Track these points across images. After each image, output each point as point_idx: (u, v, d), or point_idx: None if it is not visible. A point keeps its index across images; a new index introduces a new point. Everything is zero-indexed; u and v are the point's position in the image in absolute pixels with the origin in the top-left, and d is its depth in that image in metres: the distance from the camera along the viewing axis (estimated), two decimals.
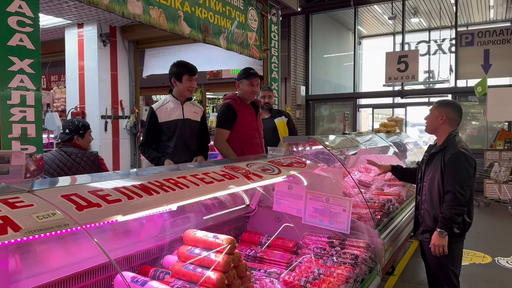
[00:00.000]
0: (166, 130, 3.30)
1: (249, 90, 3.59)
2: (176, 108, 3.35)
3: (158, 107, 3.33)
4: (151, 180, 1.61)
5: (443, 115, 2.83)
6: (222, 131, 3.56)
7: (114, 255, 1.99)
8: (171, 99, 3.38)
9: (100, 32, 6.29)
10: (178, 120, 3.33)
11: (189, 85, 3.32)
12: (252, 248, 2.65)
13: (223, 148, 3.54)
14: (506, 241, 5.83)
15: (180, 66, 3.30)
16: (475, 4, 12.32)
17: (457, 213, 2.61)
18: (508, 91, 9.23)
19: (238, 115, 3.54)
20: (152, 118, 3.29)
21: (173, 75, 3.31)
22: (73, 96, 6.54)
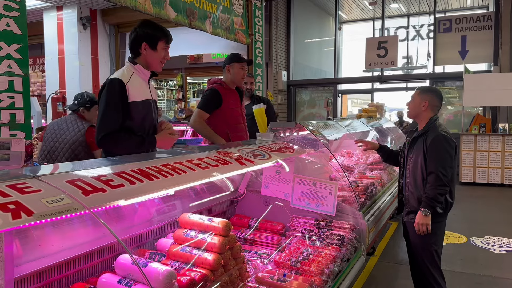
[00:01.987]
0: (135, 114, 2.48)
1: (241, 73, 3.63)
2: (145, 84, 2.60)
3: (127, 80, 2.46)
4: (149, 165, 1.65)
5: (425, 102, 2.95)
6: (202, 112, 3.52)
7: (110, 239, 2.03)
8: (135, 71, 2.54)
9: (80, 15, 6.17)
10: (150, 101, 2.61)
11: (165, 56, 2.60)
12: (243, 231, 2.73)
13: (201, 127, 3.52)
14: (480, 222, 6.11)
15: (156, 28, 2.53)
16: None
17: (439, 192, 2.75)
18: (484, 77, 9.52)
19: (224, 101, 3.56)
20: (122, 95, 2.42)
21: (145, 39, 2.49)
22: (53, 80, 6.43)
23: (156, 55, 2.54)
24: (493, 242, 5.13)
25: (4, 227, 1.00)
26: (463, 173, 9.23)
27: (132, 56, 2.57)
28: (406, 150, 3.09)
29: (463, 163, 9.21)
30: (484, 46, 10.68)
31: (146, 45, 2.50)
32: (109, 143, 2.44)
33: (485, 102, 9.41)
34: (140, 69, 2.54)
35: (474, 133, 9.17)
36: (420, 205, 2.85)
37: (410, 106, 3.07)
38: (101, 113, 2.42)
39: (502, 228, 5.69)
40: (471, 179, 9.16)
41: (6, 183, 1.18)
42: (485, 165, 9.06)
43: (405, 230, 3.12)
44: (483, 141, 9.08)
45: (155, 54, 2.53)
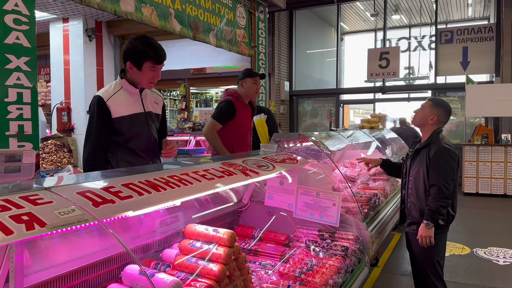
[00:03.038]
0: (122, 128, 2.43)
1: (254, 88, 3.72)
2: (134, 98, 2.49)
3: (110, 96, 2.39)
4: (156, 177, 1.68)
5: (434, 116, 2.97)
6: (216, 123, 3.60)
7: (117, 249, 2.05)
8: (124, 85, 2.46)
9: (85, 27, 6.25)
10: (141, 114, 2.52)
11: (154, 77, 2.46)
12: (247, 241, 2.75)
13: (212, 137, 3.59)
14: (483, 233, 6.09)
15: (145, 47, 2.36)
16: (454, 2, 12.63)
17: (442, 205, 2.76)
18: (486, 87, 9.56)
19: (237, 114, 3.65)
20: (103, 112, 2.35)
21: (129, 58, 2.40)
22: (58, 91, 6.50)
23: (141, 75, 2.42)
24: (496, 253, 5.11)
25: (18, 238, 1.03)
26: (465, 184, 9.21)
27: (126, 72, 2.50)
28: (408, 161, 3.12)
29: (465, 174, 9.20)
30: (485, 57, 10.73)
31: (131, 64, 2.40)
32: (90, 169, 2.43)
33: (487, 112, 9.43)
34: (126, 84, 2.47)
35: (476, 143, 9.18)
36: (422, 216, 2.86)
37: (418, 115, 3.09)
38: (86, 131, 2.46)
39: (506, 239, 5.68)
40: (474, 190, 9.14)
41: (19, 194, 1.21)
42: (487, 176, 9.05)
43: (407, 241, 3.13)
44: (485, 151, 9.08)
45: (140, 74, 2.41)
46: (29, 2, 2.51)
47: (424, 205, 2.87)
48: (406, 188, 3.11)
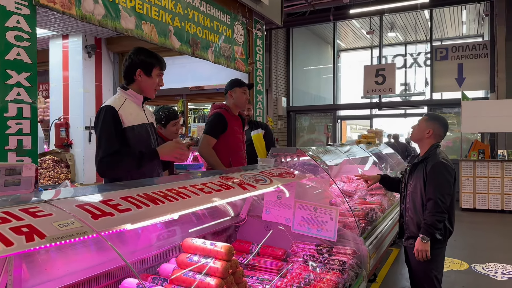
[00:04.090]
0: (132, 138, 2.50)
1: (243, 98, 3.66)
2: (139, 109, 2.60)
3: (119, 106, 2.48)
4: (154, 190, 1.70)
5: (430, 130, 3.02)
6: (210, 138, 3.53)
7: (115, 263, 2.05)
8: (128, 97, 2.56)
9: (85, 43, 6.33)
10: (146, 124, 2.63)
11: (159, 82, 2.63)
12: (244, 256, 2.74)
13: (209, 154, 3.52)
14: (481, 248, 6.08)
15: (151, 56, 2.57)
16: (449, 19, 12.86)
17: (438, 219, 2.78)
18: (481, 103, 9.66)
19: (229, 126, 3.59)
20: (116, 121, 2.44)
21: (140, 66, 2.53)
22: (57, 106, 6.53)
23: (150, 82, 2.57)
24: (494, 269, 5.10)
25: (18, 249, 1.04)
26: (463, 199, 9.22)
27: (125, 82, 2.60)
28: (407, 175, 3.14)
29: (463, 189, 9.22)
30: (480, 74, 10.88)
31: (141, 71, 2.53)
32: (108, 165, 2.44)
33: (483, 128, 9.51)
34: (132, 94, 2.56)
35: (473, 159, 9.22)
36: (419, 230, 2.87)
37: (415, 130, 3.14)
38: (97, 141, 2.46)
39: (504, 255, 5.66)
40: (472, 205, 9.14)
41: (19, 207, 1.23)
42: (485, 191, 9.07)
43: (406, 255, 3.13)
44: (482, 167, 9.12)
45: (149, 81, 2.56)
46: (30, 19, 2.56)
47: (422, 219, 2.88)
48: (404, 202, 3.13)
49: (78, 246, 1.85)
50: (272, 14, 5.72)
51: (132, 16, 3.39)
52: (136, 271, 2.23)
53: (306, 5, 10.82)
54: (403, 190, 3.15)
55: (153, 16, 3.64)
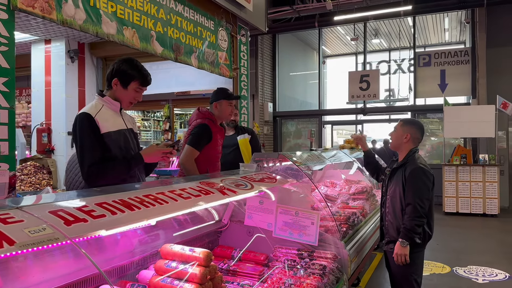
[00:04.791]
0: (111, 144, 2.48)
1: (229, 111, 3.53)
2: (116, 115, 2.58)
3: (95, 112, 2.45)
4: (131, 196, 1.69)
5: (407, 134, 3.06)
6: (194, 151, 3.37)
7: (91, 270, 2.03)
8: (105, 103, 2.53)
9: (68, 48, 6.26)
10: (124, 130, 2.60)
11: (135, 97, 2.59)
12: (225, 262, 2.74)
13: (191, 167, 3.37)
14: (463, 251, 6.17)
15: (134, 68, 2.53)
16: (432, 26, 13.09)
17: (417, 224, 2.82)
18: (463, 109, 9.83)
19: (213, 139, 3.46)
20: (94, 127, 2.41)
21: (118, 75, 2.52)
22: (39, 112, 6.45)
23: (125, 93, 2.54)
24: (476, 272, 5.17)
25: None
26: (446, 203, 9.35)
27: (106, 87, 2.59)
28: (386, 180, 3.18)
29: (446, 193, 9.35)
30: (462, 80, 11.09)
31: (118, 81, 2.51)
32: (97, 173, 2.41)
33: (465, 133, 9.67)
34: (109, 101, 2.54)
35: (455, 163, 9.37)
36: (399, 235, 2.91)
37: (393, 137, 3.18)
38: (79, 149, 2.43)
39: (485, 258, 5.75)
40: (454, 209, 9.28)
41: None
42: (467, 195, 9.21)
43: (386, 259, 3.16)
44: (464, 171, 9.27)
45: (124, 92, 2.54)
46: (9, 23, 2.53)
47: (401, 224, 2.91)
48: (384, 206, 3.17)
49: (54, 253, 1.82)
50: (256, 20, 5.76)
51: (113, 21, 3.37)
52: (115, 278, 2.20)
53: (291, 12, 10.90)
54: (384, 195, 3.18)
55: (135, 21, 3.63)
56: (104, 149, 2.46)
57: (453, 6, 9.81)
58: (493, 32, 10.27)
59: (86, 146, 2.42)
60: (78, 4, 3.03)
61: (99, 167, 2.41)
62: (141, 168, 2.75)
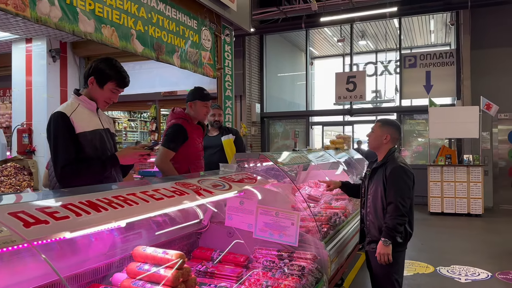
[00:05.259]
0: (86, 144, 2.42)
1: (203, 111, 3.52)
2: (92, 114, 2.53)
3: (71, 112, 2.40)
4: (99, 197, 1.64)
5: (387, 135, 3.06)
6: (168, 152, 3.34)
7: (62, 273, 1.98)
8: (81, 102, 2.49)
9: (49, 47, 6.16)
10: (101, 130, 2.55)
11: (111, 97, 2.55)
12: (204, 264, 2.69)
13: (167, 169, 3.35)
14: (447, 251, 6.20)
15: (112, 68, 2.49)
16: (418, 28, 13.20)
17: (399, 222, 2.82)
18: (448, 110, 9.92)
19: (189, 138, 3.44)
20: (68, 127, 2.36)
21: (94, 73, 2.47)
22: (20, 112, 6.33)
23: (100, 93, 2.50)
24: (459, 271, 5.20)
25: None
26: (431, 203, 9.42)
27: (83, 87, 2.56)
28: (366, 180, 3.17)
29: (431, 194, 9.42)
30: (447, 81, 11.19)
31: (94, 80, 2.47)
32: (70, 174, 2.37)
33: (450, 134, 9.76)
34: (85, 100, 2.50)
35: (440, 164, 9.44)
36: (381, 234, 2.91)
37: (371, 138, 3.16)
38: (52, 148, 2.38)
39: (468, 257, 5.80)
40: (439, 209, 9.35)
41: None
42: (452, 195, 9.29)
43: (367, 260, 3.15)
44: (449, 172, 9.35)
45: (100, 92, 2.50)
46: None
47: (383, 223, 2.91)
48: (365, 207, 3.16)
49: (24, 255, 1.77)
50: (241, 20, 5.72)
51: (91, 19, 3.31)
52: (88, 281, 2.15)
53: (278, 12, 10.90)
54: (363, 196, 3.18)
55: (114, 19, 3.57)
56: (79, 149, 2.41)
57: (438, 8, 9.90)
58: (477, 34, 10.39)
59: (60, 146, 2.37)
60: (53, 2, 2.96)
61: (73, 168, 2.36)
62: (117, 169, 2.70)
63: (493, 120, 10.25)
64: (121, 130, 15.13)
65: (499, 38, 10.38)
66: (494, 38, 10.42)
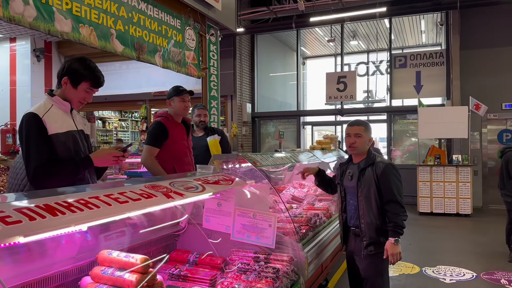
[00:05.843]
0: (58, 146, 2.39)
1: (182, 106, 3.64)
2: (66, 116, 2.50)
3: (43, 113, 2.36)
4: (58, 200, 1.60)
5: (370, 139, 3.05)
6: (151, 148, 3.51)
7: (28, 277, 1.95)
8: (54, 103, 2.46)
9: (34, 47, 6.10)
10: (74, 131, 2.51)
11: (85, 97, 2.53)
12: (177, 267, 2.67)
13: (152, 165, 3.49)
14: (434, 251, 6.21)
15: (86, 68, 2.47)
16: (408, 28, 13.22)
17: (404, 219, 2.83)
18: (437, 110, 9.94)
19: (170, 134, 3.55)
20: (40, 128, 2.33)
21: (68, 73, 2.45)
22: (4, 112, 6.27)
23: (74, 93, 2.48)
24: (444, 272, 5.21)
25: None
26: (420, 203, 9.43)
27: (56, 87, 2.52)
28: (353, 182, 3.02)
29: (420, 194, 9.43)
30: (437, 81, 11.22)
31: (68, 80, 2.45)
32: (43, 175, 2.33)
33: (439, 134, 9.78)
34: (58, 101, 2.47)
35: (429, 164, 9.46)
36: (380, 235, 2.87)
37: (359, 143, 2.99)
38: (24, 150, 2.34)
39: (455, 258, 5.80)
40: (429, 209, 9.37)
41: None
42: (441, 195, 9.31)
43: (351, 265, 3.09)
44: (438, 172, 9.37)
45: (73, 92, 2.47)
46: None
47: (379, 224, 2.87)
48: (346, 210, 3.08)
49: None
50: (226, 20, 5.69)
51: (68, 18, 3.26)
52: (57, 284, 2.12)
53: (268, 12, 10.88)
54: (344, 199, 3.10)
55: (93, 19, 3.52)
56: (51, 150, 2.38)
57: (427, 8, 9.92)
58: (466, 34, 10.42)
59: (32, 147, 2.34)
60: (28, 1, 2.92)
61: (45, 169, 2.33)
62: (92, 171, 2.67)
63: (482, 120, 10.29)
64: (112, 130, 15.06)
65: (487, 38, 10.42)
66: (482, 38, 10.46)
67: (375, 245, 2.88)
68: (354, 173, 3.04)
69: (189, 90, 3.65)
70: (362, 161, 3.02)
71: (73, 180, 2.48)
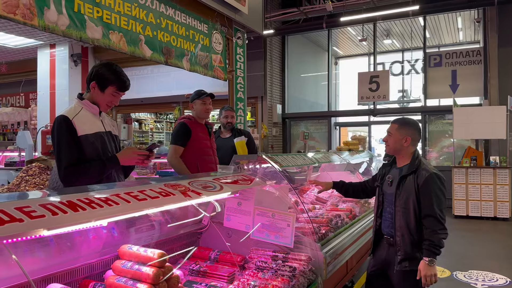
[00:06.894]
0: (87, 147, 2.53)
1: (203, 109, 3.83)
2: (95, 118, 2.65)
3: (74, 115, 2.51)
4: (81, 197, 1.73)
5: (407, 138, 2.76)
6: (176, 147, 3.73)
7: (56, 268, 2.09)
8: (84, 106, 2.61)
9: (71, 52, 6.43)
10: (102, 133, 2.65)
11: (112, 101, 2.66)
12: (198, 263, 2.76)
13: (176, 163, 3.71)
14: (467, 256, 6.04)
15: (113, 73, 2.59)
16: (444, 26, 12.84)
17: (443, 237, 2.57)
18: (473, 110, 9.62)
19: (192, 133, 3.76)
20: (71, 130, 2.47)
21: (96, 78, 2.58)
22: (44, 114, 6.63)
23: (102, 97, 2.61)
24: (476, 277, 5.06)
25: None
26: (456, 206, 9.16)
27: (86, 91, 2.68)
28: (392, 189, 2.82)
29: (455, 196, 9.15)
30: (474, 80, 10.85)
31: (96, 84, 2.59)
32: (73, 174, 2.49)
33: (475, 135, 9.46)
34: (88, 104, 2.62)
35: (465, 166, 9.16)
36: (416, 251, 2.64)
37: (389, 142, 2.83)
38: (56, 150, 2.51)
39: (488, 262, 5.62)
40: (464, 213, 9.07)
41: None
42: (477, 198, 9.00)
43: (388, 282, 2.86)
44: (474, 174, 9.06)
45: (101, 96, 2.61)
46: None
47: (416, 238, 2.65)
48: (393, 219, 2.79)
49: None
50: (253, 23, 5.78)
51: (99, 26, 3.45)
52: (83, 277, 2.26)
53: (299, 13, 10.90)
54: (381, 204, 2.89)
55: (122, 25, 3.70)
56: (81, 151, 2.53)
57: (462, 5, 9.62)
58: (504, 32, 10.02)
59: (63, 148, 2.49)
60: (61, 10, 3.12)
61: (75, 168, 2.48)
62: (118, 170, 2.81)
63: None
64: (148, 131, 15.51)
65: None
66: None
67: (410, 261, 2.65)
68: (394, 178, 2.81)
69: (210, 93, 3.78)
70: (405, 166, 2.77)
71: (101, 178, 2.64)
